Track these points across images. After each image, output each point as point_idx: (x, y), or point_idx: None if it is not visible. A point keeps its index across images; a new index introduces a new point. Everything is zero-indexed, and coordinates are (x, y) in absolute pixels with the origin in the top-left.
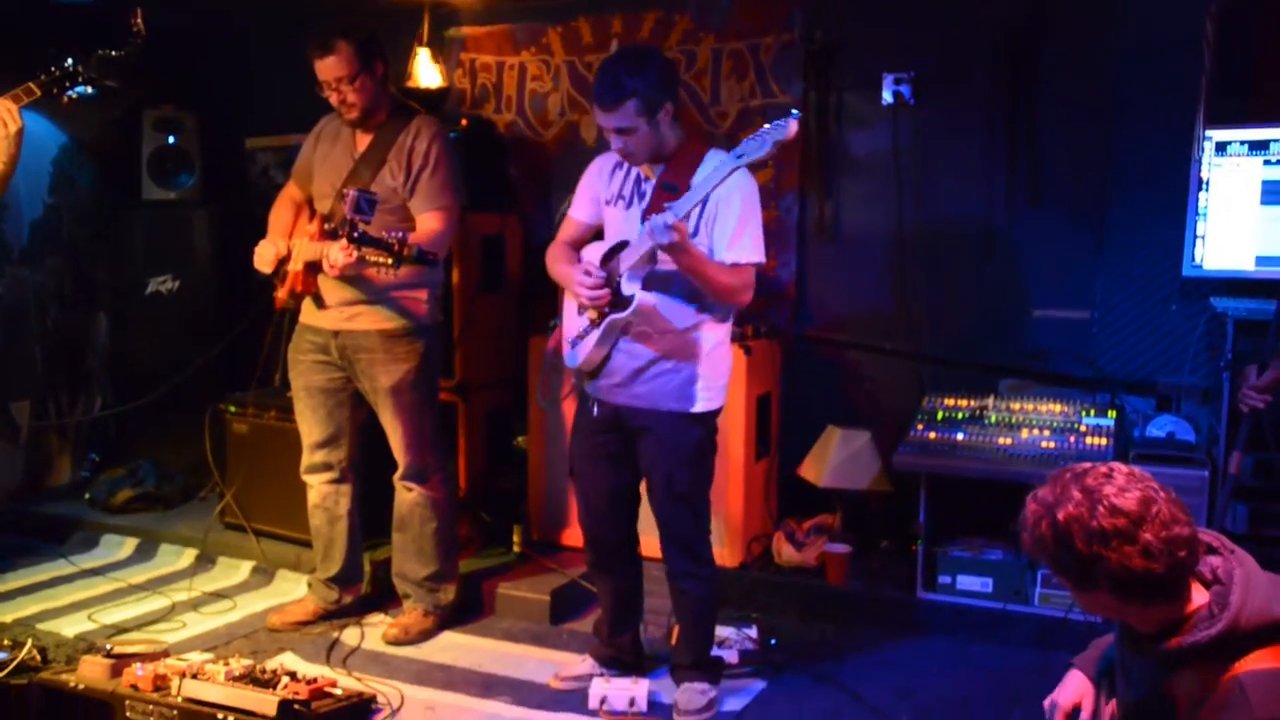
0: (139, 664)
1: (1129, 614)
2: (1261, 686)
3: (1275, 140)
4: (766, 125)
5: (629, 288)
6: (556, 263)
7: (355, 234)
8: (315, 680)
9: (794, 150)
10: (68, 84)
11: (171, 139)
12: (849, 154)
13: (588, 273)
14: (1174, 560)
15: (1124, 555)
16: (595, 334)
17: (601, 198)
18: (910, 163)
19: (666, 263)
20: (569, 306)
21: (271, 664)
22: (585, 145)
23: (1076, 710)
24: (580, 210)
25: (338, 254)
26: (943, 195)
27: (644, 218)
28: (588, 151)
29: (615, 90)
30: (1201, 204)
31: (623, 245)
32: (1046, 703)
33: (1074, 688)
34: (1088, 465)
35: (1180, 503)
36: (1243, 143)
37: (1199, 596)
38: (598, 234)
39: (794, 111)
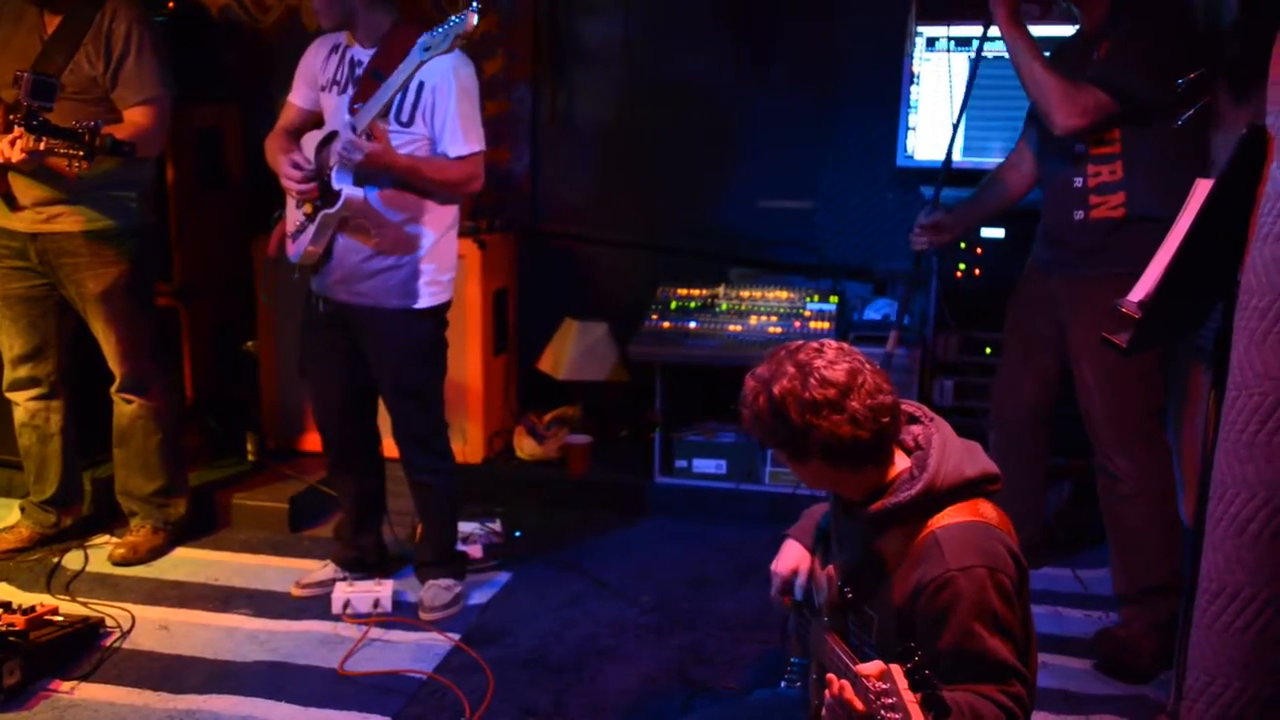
0: None
1: (840, 482)
2: (952, 538)
3: (977, 37)
4: (452, 18)
5: (339, 182)
6: (274, 152)
7: (34, 122)
8: (33, 609)
9: (525, 39)
10: None
11: None
12: (581, 42)
13: (296, 165)
14: (879, 426)
15: (834, 424)
16: (311, 228)
17: (318, 81)
18: (641, 51)
19: None
20: (291, 198)
21: None
22: (307, 31)
23: (795, 575)
24: (297, 95)
25: (5, 145)
26: (674, 87)
27: (351, 107)
28: (310, 38)
29: None
30: (913, 97)
31: (334, 135)
32: (773, 594)
33: (791, 556)
34: (801, 343)
35: (884, 374)
36: (949, 39)
37: (902, 462)
38: (320, 120)
39: (474, 4)
